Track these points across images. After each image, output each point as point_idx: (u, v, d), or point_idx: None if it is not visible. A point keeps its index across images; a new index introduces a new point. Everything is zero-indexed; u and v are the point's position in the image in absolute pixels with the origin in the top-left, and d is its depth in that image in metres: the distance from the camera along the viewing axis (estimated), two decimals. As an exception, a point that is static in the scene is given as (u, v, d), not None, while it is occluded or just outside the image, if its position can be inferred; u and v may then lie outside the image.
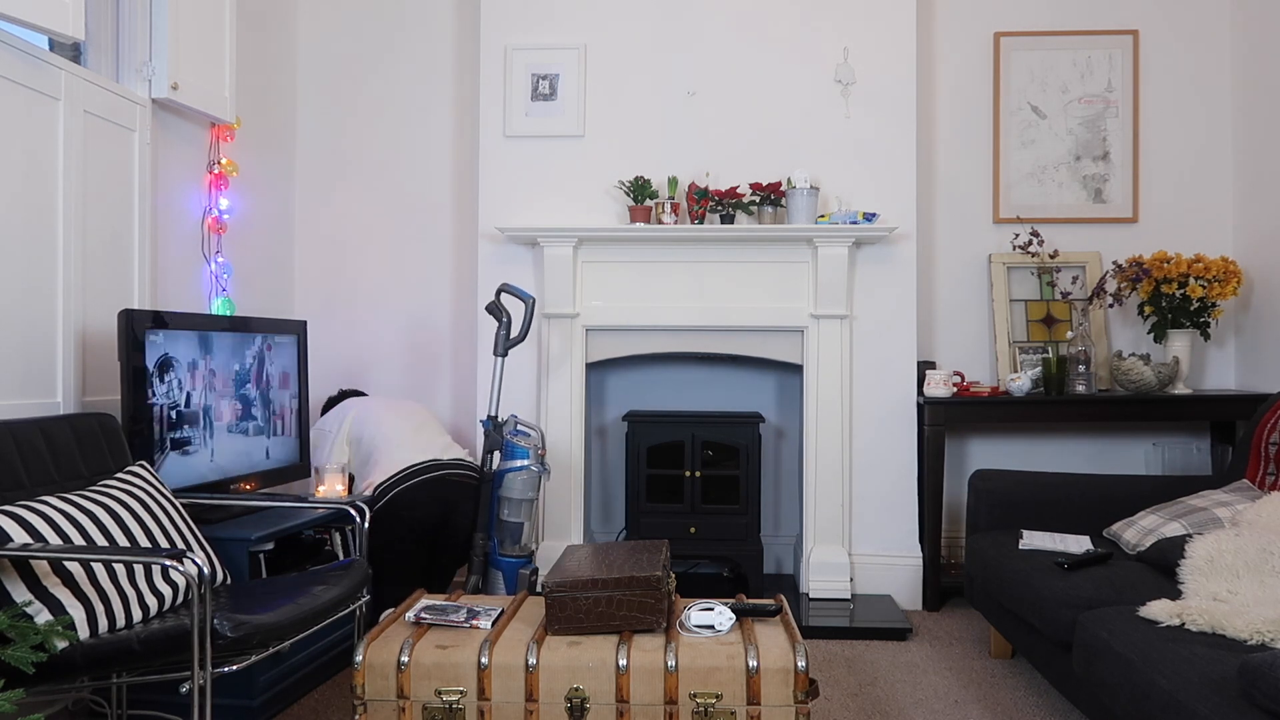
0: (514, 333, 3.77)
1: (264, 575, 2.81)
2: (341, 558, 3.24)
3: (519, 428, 3.58)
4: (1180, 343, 3.89)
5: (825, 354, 3.87)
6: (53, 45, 2.79)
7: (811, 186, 3.79)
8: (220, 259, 3.64)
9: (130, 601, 2.18)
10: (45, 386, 2.70)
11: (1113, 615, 2.27)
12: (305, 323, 3.48)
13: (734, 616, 2.34)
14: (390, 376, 4.35)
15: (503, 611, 2.43)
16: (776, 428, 4.26)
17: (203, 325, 2.95)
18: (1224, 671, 1.83)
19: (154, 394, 2.75)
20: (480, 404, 4.01)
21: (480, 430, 3.85)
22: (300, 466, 3.44)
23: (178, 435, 2.85)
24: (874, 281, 3.93)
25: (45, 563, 2.07)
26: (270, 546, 2.85)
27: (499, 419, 3.63)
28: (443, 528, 3.51)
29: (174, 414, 2.83)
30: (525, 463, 3.50)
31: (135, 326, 2.68)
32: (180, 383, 2.87)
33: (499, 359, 3.59)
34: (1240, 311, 4.11)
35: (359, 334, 4.36)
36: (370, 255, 4.35)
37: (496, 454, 3.53)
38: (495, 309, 3.59)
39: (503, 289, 3.61)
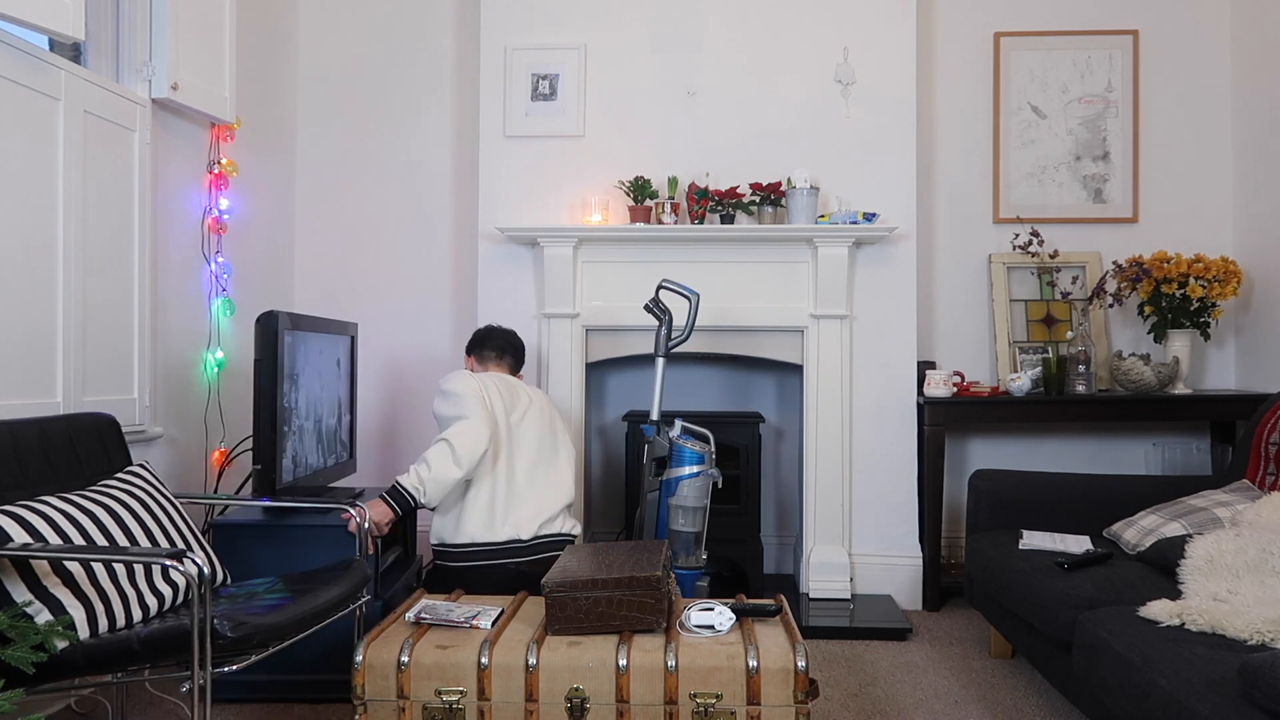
0: (665, 332, 3.42)
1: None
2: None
3: (685, 431, 3.40)
4: (1180, 343, 3.89)
5: (825, 354, 3.87)
6: (53, 45, 2.79)
7: (811, 186, 3.79)
8: (220, 259, 3.64)
9: (130, 601, 2.18)
10: (45, 386, 2.70)
11: (1113, 615, 2.27)
12: (357, 325, 3.57)
13: (734, 616, 2.34)
14: (390, 376, 4.35)
15: (502, 612, 2.43)
16: (776, 428, 4.26)
17: (310, 327, 3.05)
18: (1224, 671, 1.83)
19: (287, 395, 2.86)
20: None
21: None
22: (348, 463, 3.48)
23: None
24: (874, 281, 3.93)
25: (45, 563, 2.07)
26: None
27: (661, 422, 3.43)
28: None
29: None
30: (699, 468, 3.32)
31: (275, 327, 2.79)
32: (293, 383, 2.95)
33: (661, 359, 3.41)
34: (1240, 311, 4.11)
35: (359, 334, 4.36)
36: (370, 255, 4.34)
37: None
38: (655, 307, 3.40)
39: (663, 285, 3.44)
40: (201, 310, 3.54)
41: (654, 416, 3.42)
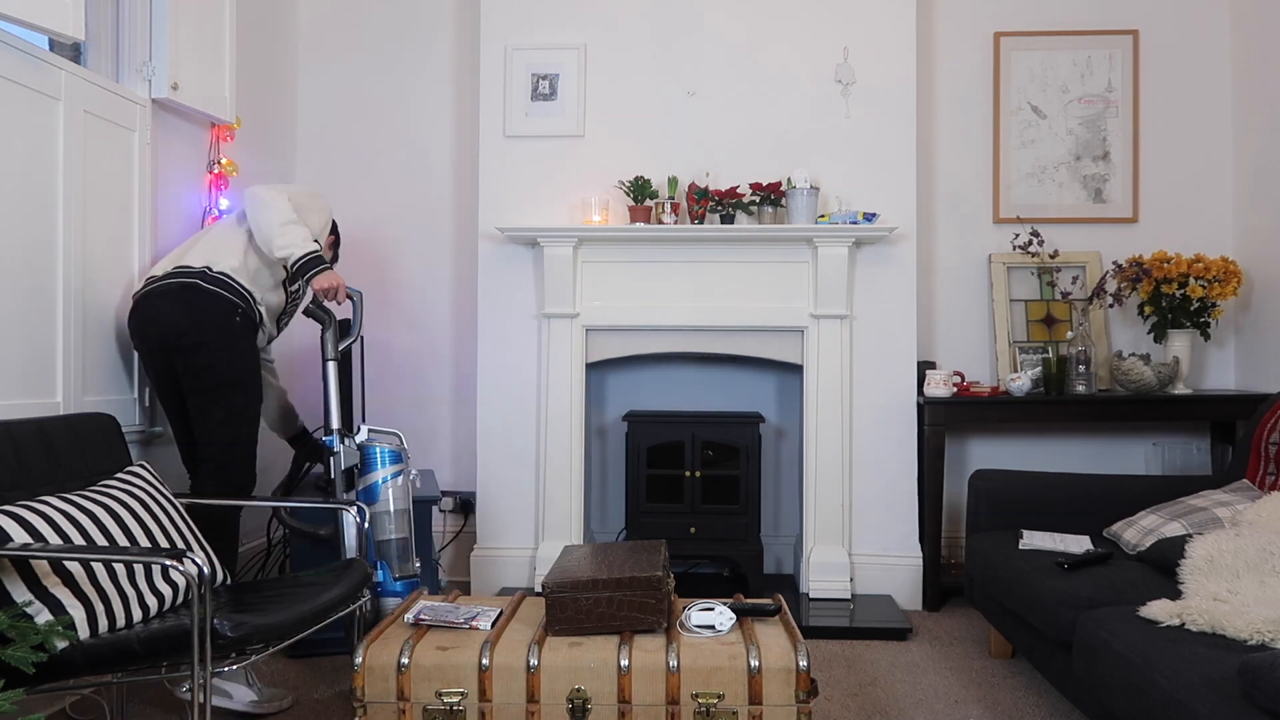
0: (333, 335, 3.16)
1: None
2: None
3: (373, 433, 3.15)
4: (1180, 343, 3.89)
5: (825, 354, 3.87)
6: (53, 45, 2.79)
7: (811, 186, 3.79)
8: (220, 259, 3.63)
9: (130, 601, 2.18)
10: (45, 386, 2.70)
11: (1113, 615, 2.27)
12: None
13: (734, 616, 2.34)
14: (390, 377, 4.35)
15: (502, 612, 2.43)
16: (776, 428, 4.26)
17: None
18: (1224, 671, 1.83)
19: None
20: (482, 405, 4.00)
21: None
22: None
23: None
24: (874, 281, 3.93)
25: (45, 563, 2.07)
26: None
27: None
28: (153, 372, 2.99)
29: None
30: (399, 466, 3.09)
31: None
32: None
33: (332, 364, 3.15)
34: (1240, 311, 4.11)
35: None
36: (370, 255, 4.34)
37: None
38: (315, 310, 3.14)
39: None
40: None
41: (334, 424, 3.06)
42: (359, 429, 3.16)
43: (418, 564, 3.14)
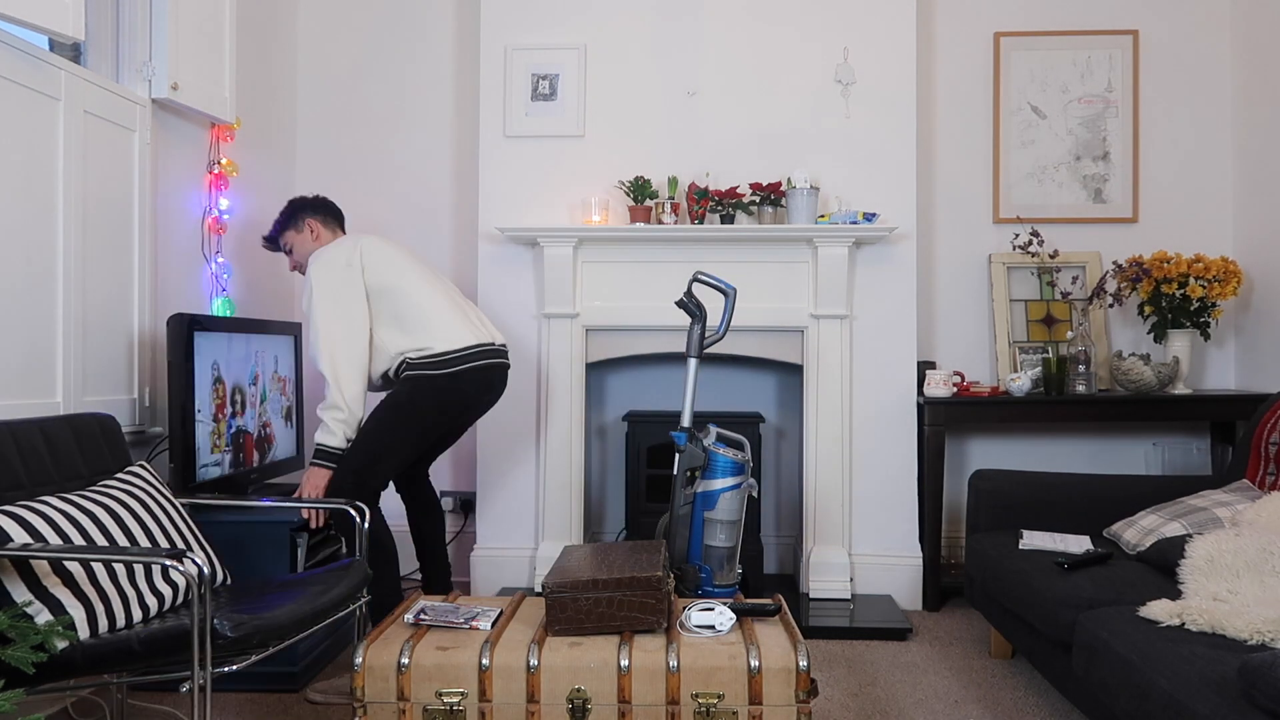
0: (700, 330, 3.25)
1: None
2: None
3: (720, 439, 3.22)
4: (1180, 343, 3.89)
5: (825, 354, 3.87)
6: (53, 45, 2.79)
7: (811, 186, 3.79)
8: (220, 259, 3.63)
9: (130, 601, 2.18)
10: (45, 386, 2.70)
11: (1113, 615, 2.27)
12: (300, 324, 3.55)
13: (734, 616, 2.34)
14: (390, 376, 4.35)
15: (502, 612, 2.43)
16: (776, 428, 4.26)
17: (224, 328, 3.09)
18: (1224, 671, 1.83)
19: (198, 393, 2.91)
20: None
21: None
22: (297, 459, 3.56)
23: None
24: (874, 281, 3.93)
25: (45, 563, 2.07)
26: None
27: (694, 430, 3.24)
28: (458, 424, 3.28)
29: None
30: (738, 479, 3.17)
31: (185, 329, 2.86)
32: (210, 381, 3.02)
33: (694, 360, 3.23)
34: (1240, 311, 4.11)
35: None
36: (370, 255, 4.34)
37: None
38: (688, 302, 3.18)
39: (697, 278, 3.21)
40: (201, 310, 3.54)
41: (686, 423, 3.23)
42: (708, 430, 3.24)
43: (739, 571, 3.25)
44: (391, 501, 3.25)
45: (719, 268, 3.87)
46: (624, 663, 2.14)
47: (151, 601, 2.23)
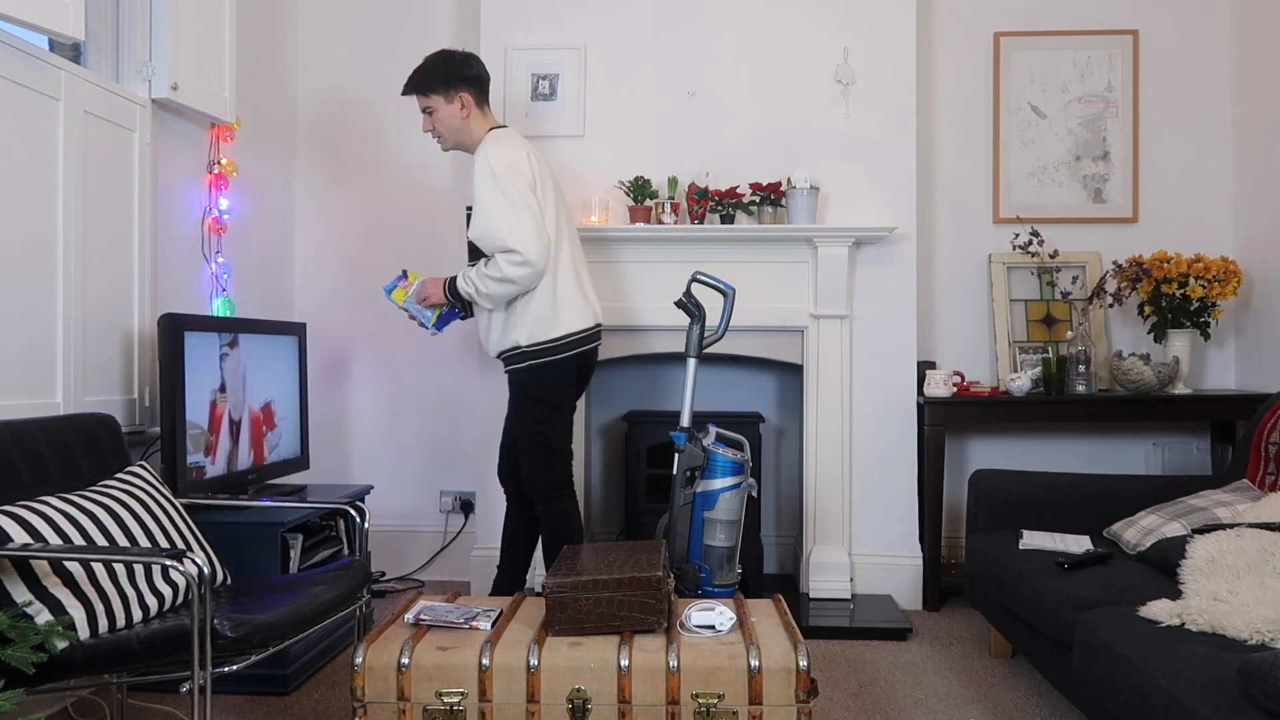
0: (699, 330, 3.27)
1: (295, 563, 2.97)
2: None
3: (719, 438, 3.22)
4: (1180, 343, 3.89)
5: (825, 354, 3.87)
6: (53, 45, 2.79)
7: (811, 186, 3.79)
8: (220, 259, 3.63)
9: (130, 601, 2.18)
10: (45, 386, 2.70)
11: (1113, 615, 2.27)
12: (304, 324, 3.61)
13: (734, 616, 2.34)
14: (390, 378, 4.35)
15: (502, 612, 2.43)
16: (776, 428, 4.26)
17: (216, 328, 3.08)
18: (1224, 671, 1.83)
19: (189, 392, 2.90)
20: (483, 407, 4.00)
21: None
22: (300, 460, 3.56)
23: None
24: (874, 281, 3.93)
25: (45, 563, 2.07)
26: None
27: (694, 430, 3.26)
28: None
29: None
30: (738, 479, 3.19)
31: (175, 330, 2.85)
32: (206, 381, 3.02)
33: (693, 360, 3.25)
34: (1240, 311, 4.11)
35: (357, 333, 4.36)
36: (370, 255, 4.34)
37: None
38: (687, 302, 3.21)
39: (696, 278, 3.23)
40: (202, 310, 3.54)
41: (685, 423, 3.26)
42: (707, 430, 3.24)
43: (739, 571, 3.27)
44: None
45: (719, 268, 3.87)
46: (624, 663, 2.14)
47: (151, 601, 2.23)
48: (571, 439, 3.20)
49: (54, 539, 2.11)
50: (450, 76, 3.15)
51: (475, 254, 3.10)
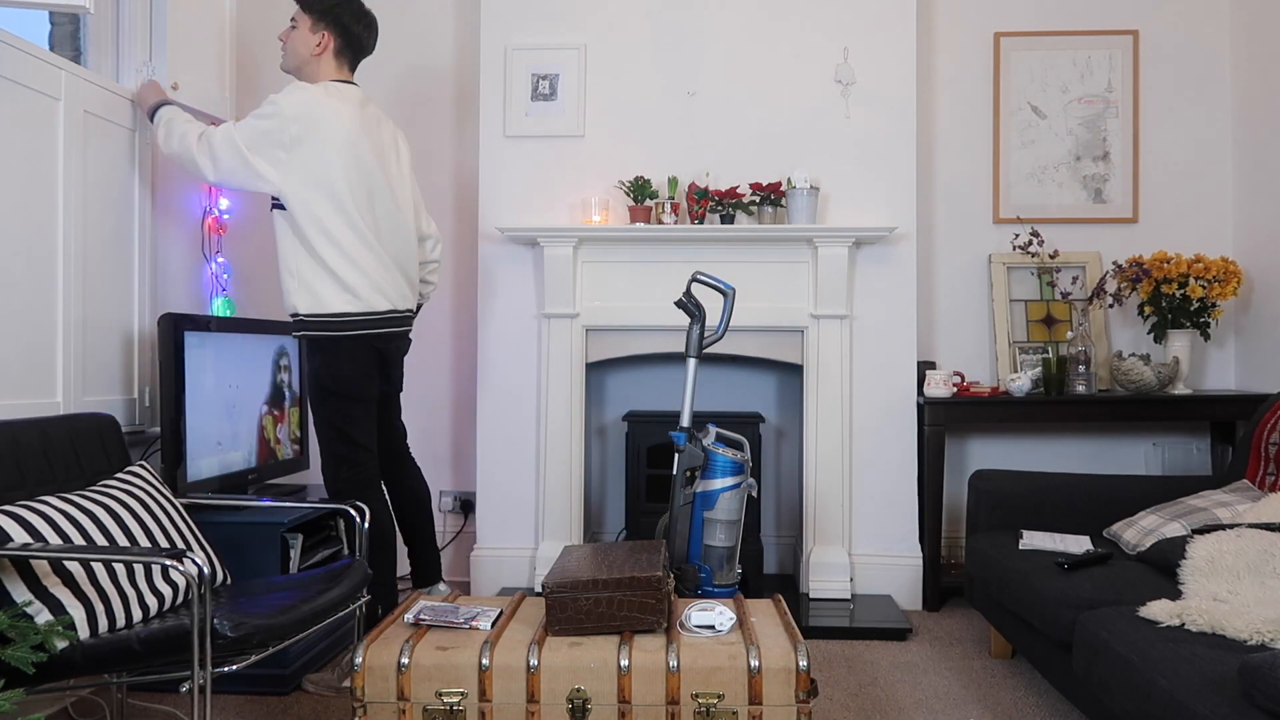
0: (699, 330, 3.27)
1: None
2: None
3: (719, 438, 3.22)
4: (1180, 343, 3.89)
5: (825, 354, 3.87)
6: (53, 45, 2.79)
7: (811, 186, 3.79)
8: (220, 259, 3.64)
9: (130, 601, 2.18)
10: (45, 386, 2.70)
11: (1113, 615, 2.27)
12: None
13: (734, 616, 2.34)
14: (390, 376, 4.35)
15: (502, 612, 2.43)
16: (776, 428, 4.26)
17: (216, 327, 3.09)
18: (1224, 671, 1.83)
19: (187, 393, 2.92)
20: (482, 405, 4.00)
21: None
22: (299, 460, 3.57)
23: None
24: (874, 281, 3.93)
25: (45, 563, 2.07)
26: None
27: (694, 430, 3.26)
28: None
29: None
30: (738, 479, 3.19)
31: (175, 329, 2.87)
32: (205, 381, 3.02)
33: (693, 360, 3.25)
34: (1240, 311, 4.11)
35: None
36: (370, 255, 4.33)
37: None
38: (687, 302, 3.19)
39: (696, 278, 3.21)
40: (202, 310, 3.54)
41: (685, 423, 3.26)
42: (707, 430, 3.24)
43: (739, 571, 3.26)
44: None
45: (719, 268, 3.87)
46: (624, 663, 2.14)
47: (151, 601, 2.23)
48: (375, 434, 3.07)
49: (54, 539, 2.11)
50: (331, 12, 3.03)
51: (277, 204, 2.99)
